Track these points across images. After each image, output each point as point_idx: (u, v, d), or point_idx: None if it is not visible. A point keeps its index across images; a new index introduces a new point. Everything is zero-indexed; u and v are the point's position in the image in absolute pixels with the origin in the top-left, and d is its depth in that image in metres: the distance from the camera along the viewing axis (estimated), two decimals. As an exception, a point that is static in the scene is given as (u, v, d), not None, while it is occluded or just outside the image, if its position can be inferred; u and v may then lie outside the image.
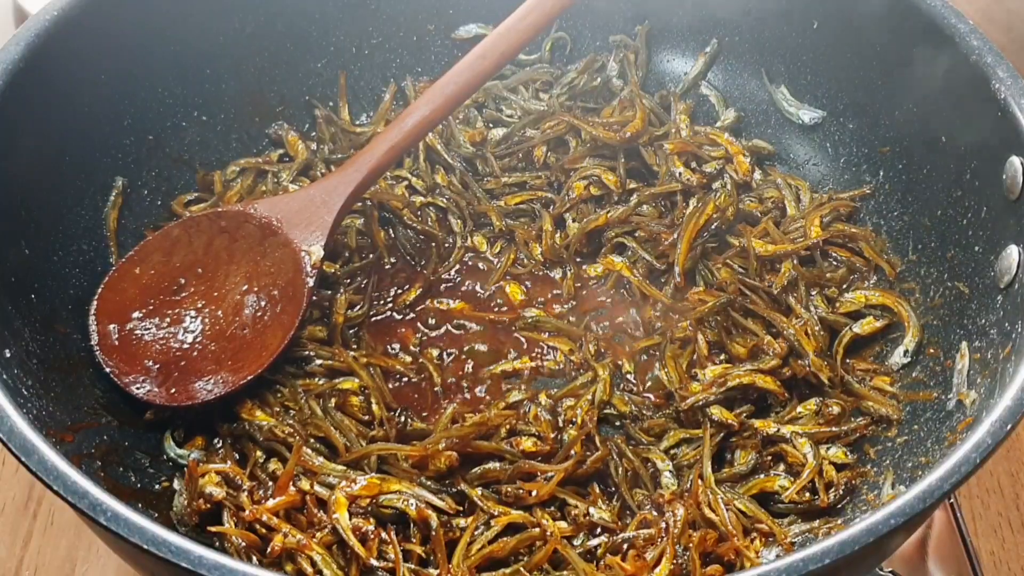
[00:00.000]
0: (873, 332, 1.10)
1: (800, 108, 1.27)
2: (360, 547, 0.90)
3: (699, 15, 1.32)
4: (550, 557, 0.93)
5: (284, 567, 0.91)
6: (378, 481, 0.95)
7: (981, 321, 0.99)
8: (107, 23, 1.08)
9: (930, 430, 0.98)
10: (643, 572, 0.89)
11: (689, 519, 0.94)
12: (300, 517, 0.94)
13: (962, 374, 0.98)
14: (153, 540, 0.70)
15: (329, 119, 1.30)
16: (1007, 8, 1.50)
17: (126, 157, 1.15)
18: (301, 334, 1.09)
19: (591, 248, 1.21)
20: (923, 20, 1.07)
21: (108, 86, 1.11)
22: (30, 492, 1.14)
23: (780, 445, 1.01)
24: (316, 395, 1.05)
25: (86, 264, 1.09)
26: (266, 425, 1.02)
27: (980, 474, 1.17)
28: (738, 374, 1.05)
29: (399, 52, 1.35)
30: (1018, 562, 1.11)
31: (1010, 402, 0.79)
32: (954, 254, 1.06)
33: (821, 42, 1.23)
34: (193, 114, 1.22)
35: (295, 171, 1.24)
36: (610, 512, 0.97)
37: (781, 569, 0.69)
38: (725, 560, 0.92)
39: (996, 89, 0.98)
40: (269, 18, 1.25)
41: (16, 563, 1.09)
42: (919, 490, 0.73)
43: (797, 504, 0.98)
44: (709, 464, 0.99)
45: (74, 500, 0.72)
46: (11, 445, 0.76)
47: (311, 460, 0.98)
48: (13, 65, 0.98)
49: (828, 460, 1.00)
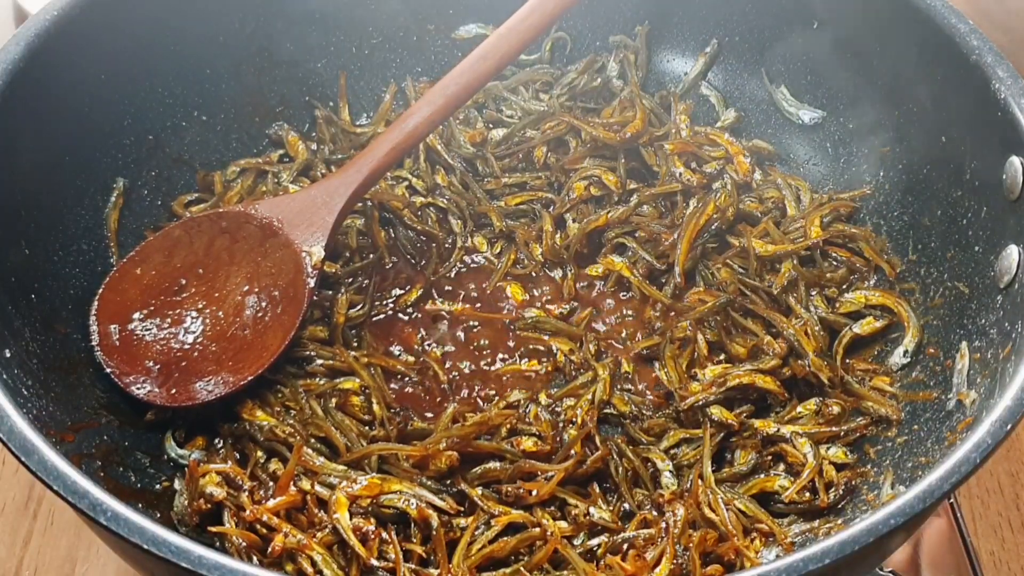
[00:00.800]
0: (873, 332, 1.10)
1: (800, 108, 1.27)
2: (360, 547, 0.90)
3: (699, 15, 1.32)
4: (550, 557, 0.93)
5: (285, 567, 0.91)
6: (379, 481, 0.95)
7: (981, 321, 0.99)
8: (107, 23, 1.08)
9: (930, 430, 0.98)
10: (643, 572, 0.89)
11: (689, 519, 0.94)
12: (301, 517, 0.94)
13: (962, 374, 0.98)
14: (153, 540, 0.70)
15: (329, 119, 1.30)
16: (1007, 8, 1.50)
17: (126, 157, 1.15)
18: (302, 334, 1.09)
19: (591, 248, 1.21)
20: (923, 20, 1.07)
21: (108, 86, 1.11)
22: (30, 492, 1.14)
23: (780, 445, 1.01)
24: (317, 395, 1.05)
25: (86, 264, 1.09)
26: (267, 425, 1.02)
27: (980, 474, 1.17)
28: (738, 374, 1.05)
29: (399, 52, 1.35)
30: (1018, 562, 1.11)
31: (1010, 402, 0.79)
32: (954, 254, 1.06)
33: (821, 42, 1.23)
34: (193, 114, 1.22)
35: (295, 171, 1.24)
36: (610, 512, 0.97)
37: (781, 569, 0.69)
38: (725, 560, 0.92)
39: (996, 89, 0.98)
40: (269, 18, 1.25)
41: (16, 563, 1.09)
42: (919, 490, 0.74)
43: (797, 504, 0.98)
44: (709, 464, 0.99)
45: (74, 500, 0.72)
46: (11, 445, 0.76)
47: (312, 460, 0.98)
48: (13, 65, 0.98)
49: (828, 460, 1.00)
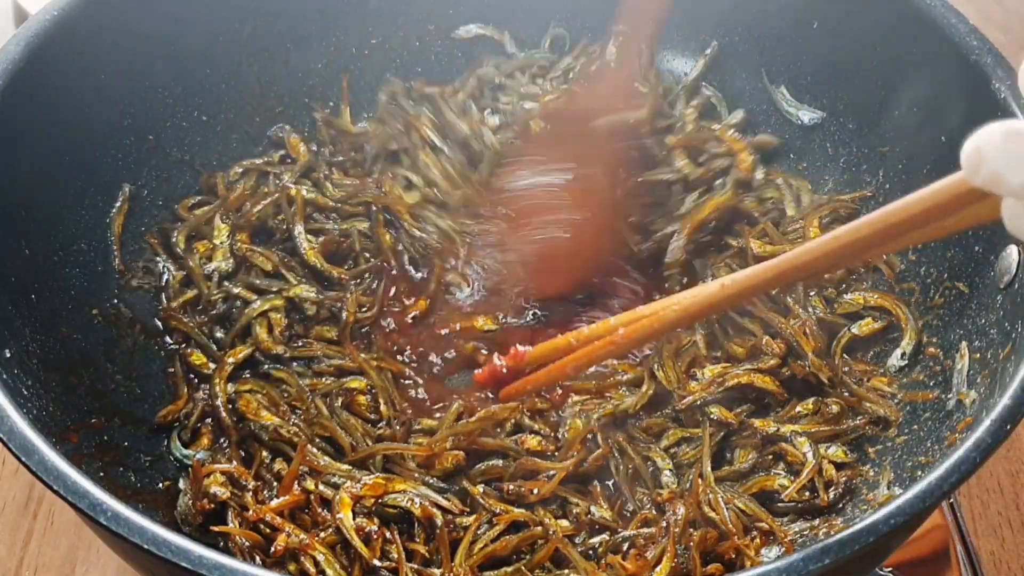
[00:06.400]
0: (872, 333, 1.10)
1: (800, 108, 1.27)
2: (363, 547, 0.90)
3: (699, 15, 1.32)
4: (552, 555, 0.93)
5: (287, 567, 0.91)
6: (383, 481, 0.95)
7: (981, 321, 0.99)
8: (107, 23, 1.08)
9: (930, 430, 0.98)
10: (644, 571, 0.89)
11: (689, 518, 0.94)
12: (304, 517, 0.94)
13: (962, 374, 0.98)
14: (153, 540, 0.70)
15: (328, 122, 1.29)
16: (1006, 8, 1.50)
17: (126, 157, 1.15)
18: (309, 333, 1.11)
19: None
20: (923, 20, 1.07)
21: (108, 86, 1.11)
22: (30, 492, 1.14)
23: (780, 444, 1.01)
24: (323, 394, 1.05)
25: (86, 264, 1.08)
26: (271, 425, 1.02)
27: (980, 474, 1.17)
28: (737, 374, 1.05)
29: (399, 52, 1.34)
30: (1018, 562, 1.11)
31: (1010, 402, 0.79)
32: (954, 254, 1.06)
33: (821, 42, 1.23)
34: (193, 114, 1.22)
35: (298, 172, 1.24)
36: (611, 511, 0.97)
37: (781, 569, 0.69)
38: (725, 559, 0.92)
39: (996, 89, 0.98)
40: (269, 18, 1.25)
41: (16, 563, 1.09)
42: (919, 490, 0.73)
43: (797, 503, 0.98)
44: (708, 463, 1.00)
45: (74, 500, 0.72)
46: (11, 445, 0.75)
47: (316, 460, 0.98)
48: (13, 65, 0.98)
49: (828, 459, 1.00)
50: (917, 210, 0.71)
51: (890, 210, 0.73)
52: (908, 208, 0.71)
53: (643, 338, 0.91)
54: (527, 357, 0.97)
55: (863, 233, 0.75)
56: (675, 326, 0.91)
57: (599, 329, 0.94)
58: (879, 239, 0.75)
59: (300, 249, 1.16)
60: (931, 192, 0.69)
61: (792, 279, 0.90)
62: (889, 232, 0.74)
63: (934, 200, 0.70)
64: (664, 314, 0.89)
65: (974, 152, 0.61)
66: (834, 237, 0.78)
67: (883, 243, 0.76)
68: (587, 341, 0.94)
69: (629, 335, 0.91)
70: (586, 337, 0.94)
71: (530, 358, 0.97)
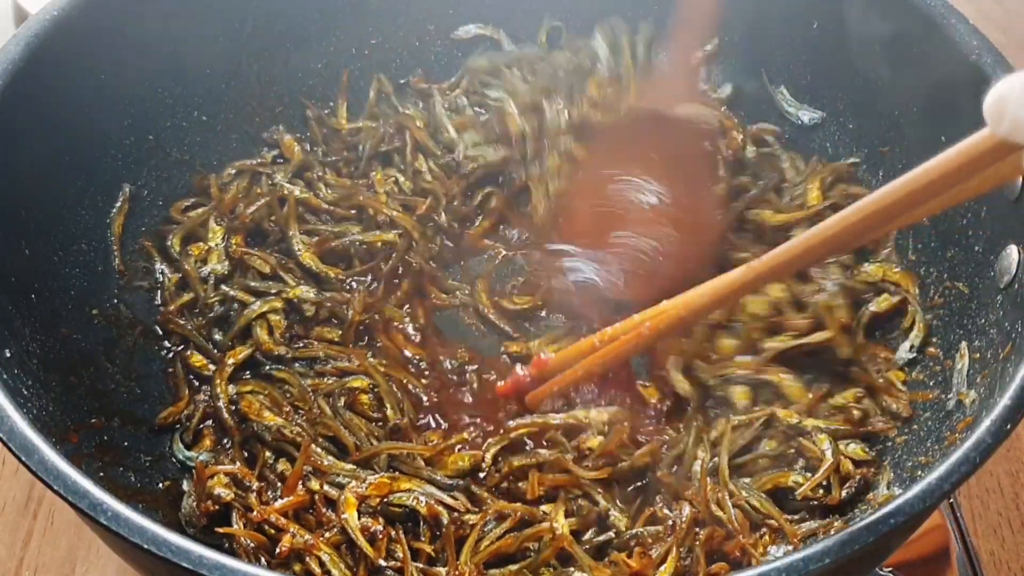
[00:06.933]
0: (890, 309, 1.10)
1: (800, 108, 1.27)
2: (368, 547, 0.90)
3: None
4: (557, 553, 0.92)
5: (293, 567, 0.90)
6: (388, 480, 0.95)
7: (981, 321, 0.99)
8: (107, 23, 1.08)
9: (930, 430, 0.98)
10: (648, 569, 0.89)
11: (696, 517, 0.94)
12: (309, 517, 0.94)
13: (962, 374, 0.98)
14: (153, 540, 0.70)
15: (320, 120, 1.29)
16: (1006, 8, 1.50)
17: (126, 157, 1.15)
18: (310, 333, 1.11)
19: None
20: (923, 20, 1.07)
21: (108, 86, 1.11)
22: (30, 492, 1.14)
23: (799, 439, 1.00)
24: (325, 394, 1.05)
25: (86, 264, 1.09)
26: (274, 426, 1.02)
27: (980, 474, 1.17)
28: (774, 345, 1.05)
29: (399, 52, 1.34)
30: (1018, 562, 1.11)
31: (1010, 401, 0.79)
32: (954, 254, 1.07)
33: (821, 42, 1.23)
34: (193, 114, 1.22)
35: (291, 172, 1.24)
36: (627, 517, 0.96)
37: (781, 569, 0.69)
38: (731, 558, 0.92)
39: (996, 89, 0.98)
40: (269, 18, 1.25)
41: (16, 563, 1.09)
42: (919, 490, 0.73)
43: (810, 500, 0.97)
44: (726, 459, 0.98)
45: (74, 500, 0.72)
46: (11, 445, 0.75)
47: (320, 460, 0.98)
48: (13, 65, 0.98)
49: (847, 456, 0.99)
50: (941, 172, 0.71)
51: (914, 175, 0.72)
52: (932, 171, 0.71)
53: (670, 329, 0.91)
54: (550, 364, 0.97)
55: (887, 202, 0.75)
56: (704, 313, 0.90)
57: (623, 327, 0.93)
58: (903, 206, 0.74)
59: (295, 251, 1.16)
60: (956, 152, 0.69)
61: (819, 255, 0.88)
62: (914, 198, 0.73)
63: (958, 160, 0.69)
64: (690, 301, 0.89)
65: (997, 102, 0.61)
66: (857, 209, 0.77)
67: (908, 210, 0.75)
68: (611, 340, 0.93)
69: (656, 326, 0.90)
70: (610, 336, 0.93)
71: (553, 365, 0.97)
